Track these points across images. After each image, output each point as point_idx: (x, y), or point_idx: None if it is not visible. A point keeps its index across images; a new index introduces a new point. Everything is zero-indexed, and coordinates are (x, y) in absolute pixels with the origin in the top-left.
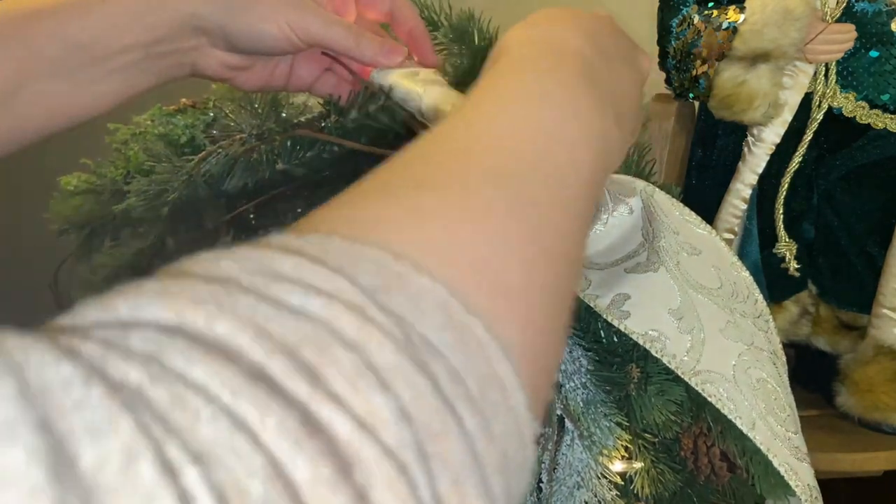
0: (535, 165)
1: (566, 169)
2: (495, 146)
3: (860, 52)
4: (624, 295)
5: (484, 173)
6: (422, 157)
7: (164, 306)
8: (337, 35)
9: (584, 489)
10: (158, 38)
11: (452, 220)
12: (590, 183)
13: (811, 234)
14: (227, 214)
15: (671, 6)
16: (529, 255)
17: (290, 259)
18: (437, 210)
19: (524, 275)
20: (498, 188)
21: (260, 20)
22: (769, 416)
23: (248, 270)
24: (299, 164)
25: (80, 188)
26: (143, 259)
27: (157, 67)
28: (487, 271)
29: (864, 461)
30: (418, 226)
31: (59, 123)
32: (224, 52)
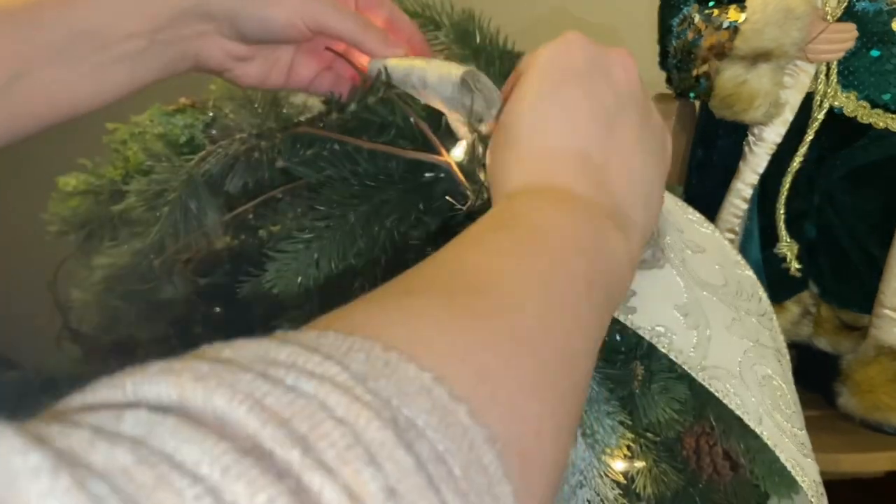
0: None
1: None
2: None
3: (861, 52)
4: (630, 291)
5: (469, 285)
6: (413, 272)
7: (166, 383)
8: (345, 23)
9: (587, 488)
10: (164, 24)
11: (438, 318)
12: (589, 284)
13: (812, 234)
14: (227, 214)
15: (672, 6)
16: (513, 351)
17: (286, 348)
18: (425, 309)
19: (508, 368)
20: (484, 298)
21: (268, 6)
22: (775, 413)
23: (247, 357)
24: (300, 162)
25: (78, 189)
26: (142, 259)
27: (161, 58)
28: (471, 361)
29: (866, 462)
30: (406, 322)
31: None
32: (229, 41)
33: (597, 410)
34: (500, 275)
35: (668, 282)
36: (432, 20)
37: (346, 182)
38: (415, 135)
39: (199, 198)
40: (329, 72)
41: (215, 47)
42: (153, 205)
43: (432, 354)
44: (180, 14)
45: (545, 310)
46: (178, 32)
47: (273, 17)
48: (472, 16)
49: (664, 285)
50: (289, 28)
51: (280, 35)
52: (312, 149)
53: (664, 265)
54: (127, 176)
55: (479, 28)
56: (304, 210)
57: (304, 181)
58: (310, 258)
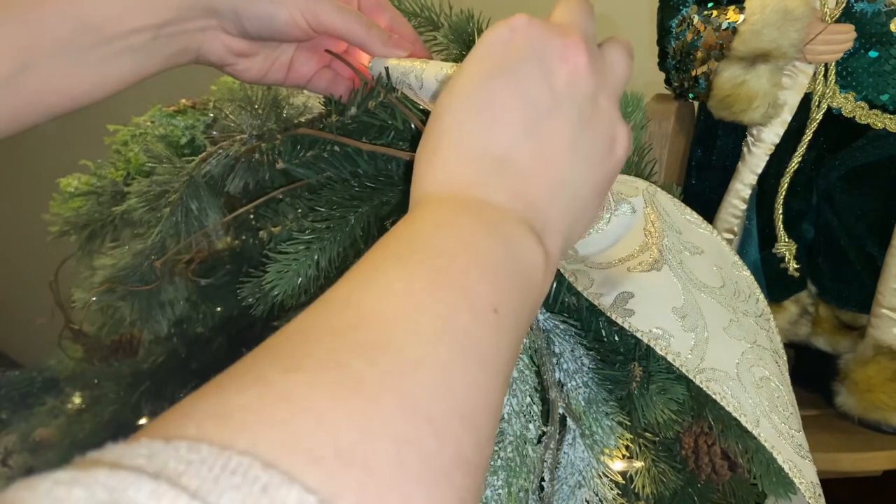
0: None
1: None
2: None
3: (859, 53)
4: (627, 293)
5: (361, 345)
6: (298, 333)
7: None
8: (348, 23)
9: (586, 488)
10: (168, 18)
11: (323, 409)
12: (498, 313)
13: (811, 234)
14: (228, 215)
15: (671, 6)
16: (408, 432)
17: (149, 485)
18: (309, 398)
19: (400, 458)
20: (376, 361)
21: (272, 3)
22: (773, 414)
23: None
24: (300, 163)
25: (80, 190)
26: (143, 260)
27: (165, 51)
28: (358, 461)
29: (864, 461)
30: (288, 419)
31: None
32: (231, 37)
33: (595, 411)
34: (397, 326)
35: (666, 284)
36: (430, 20)
37: (346, 183)
38: (414, 137)
39: (199, 199)
40: (327, 70)
41: (217, 42)
42: (154, 206)
43: (315, 464)
44: (185, 9)
45: (447, 362)
46: (183, 27)
47: (276, 14)
48: (471, 16)
49: (662, 288)
50: (291, 26)
51: (283, 33)
52: (313, 150)
53: (662, 267)
54: (128, 177)
55: (477, 28)
56: (304, 211)
57: (304, 182)
58: (310, 259)
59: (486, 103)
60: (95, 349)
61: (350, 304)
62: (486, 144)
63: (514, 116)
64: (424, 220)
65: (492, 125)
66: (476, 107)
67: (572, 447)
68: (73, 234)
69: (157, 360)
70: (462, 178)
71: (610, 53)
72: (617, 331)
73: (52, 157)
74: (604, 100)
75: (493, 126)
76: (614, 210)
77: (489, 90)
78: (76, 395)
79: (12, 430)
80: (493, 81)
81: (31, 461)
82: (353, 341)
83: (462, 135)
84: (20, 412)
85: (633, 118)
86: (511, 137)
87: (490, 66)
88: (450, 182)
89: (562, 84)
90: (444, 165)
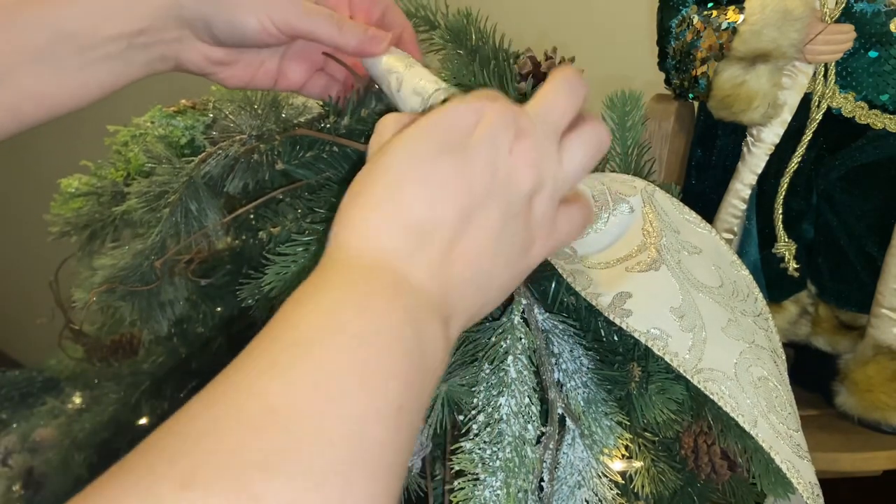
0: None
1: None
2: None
3: (859, 53)
4: (625, 293)
5: (261, 459)
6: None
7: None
8: (318, 24)
9: (585, 488)
10: (142, 28)
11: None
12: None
13: (810, 234)
14: (228, 216)
15: (671, 6)
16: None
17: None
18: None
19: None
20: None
21: (240, 12)
22: (771, 414)
23: None
24: (299, 164)
25: (80, 190)
26: (143, 260)
27: (141, 59)
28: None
29: (864, 461)
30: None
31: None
32: (207, 46)
33: (594, 411)
34: (305, 430)
35: (664, 284)
36: (427, 20)
37: (345, 184)
38: None
39: (199, 199)
40: (320, 75)
41: (194, 51)
42: (154, 206)
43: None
44: (158, 18)
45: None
46: (158, 36)
47: (245, 22)
48: (469, 15)
49: (660, 288)
50: (262, 33)
51: (255, 40)
52: (312, 151)
53: (660, 267)
54: (128, 177)
55: (475, 28)
56: (303, 212)
57: (303, 183)
58: (309, 260)
59: (432, 176)
60: (95, 349)
61: (255, 394)
62: (422, 217)
63: (454, 198)
64: (346, 298)
65: (432, 200)
66: (422, 177)
67: (571, 447)
68: (73, 235)
69: (157, 360)
70: (390, 245)
71: (571, 148)
72: (616, 331)
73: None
74: (539, 201)
75: (432, 201)
76: (612, 210)
77: (438, 164)
78: (76, 395)
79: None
80: (445, 157)
81: (31, 461)
82: (257, 447)
83: (403, 199)
84: (20, 412)
85: (633, 117)
86: (445, 217)
87: (447, 139)
88: (378, 247)
89: (503, 176)
90: (379, 226)
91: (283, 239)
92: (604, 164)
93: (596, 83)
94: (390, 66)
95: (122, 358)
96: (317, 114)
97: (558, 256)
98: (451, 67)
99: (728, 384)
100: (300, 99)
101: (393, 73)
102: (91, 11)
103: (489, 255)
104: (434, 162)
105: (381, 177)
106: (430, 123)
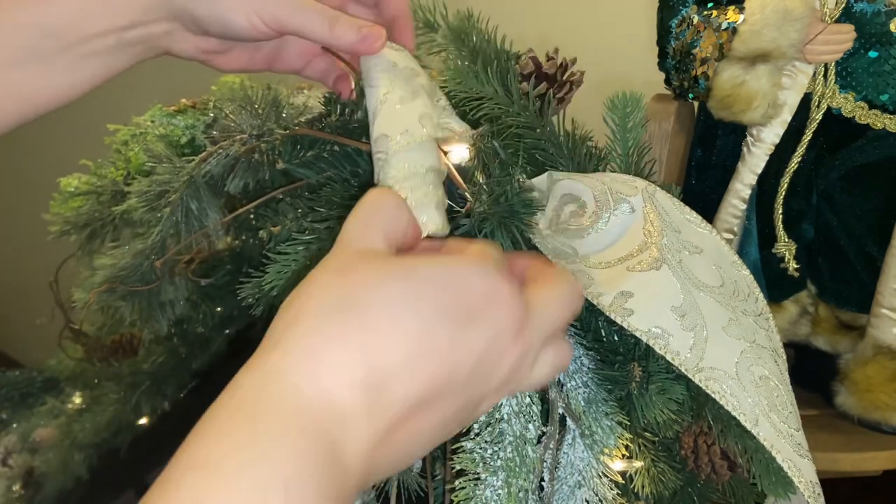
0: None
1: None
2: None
3: (859, 53)
4: (626, 293)
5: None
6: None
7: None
8: (308, 21)
9: (585, 488)
10: (131, 23)
11: None
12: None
13: (810, 234)
14: (228, 215)
15: (671, 6)
16: None
17: None
18: None
19: None
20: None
21: (227, 9)
22: (772, 413)
23: None
24: (300, 163)
25: (80, 189)
26: (143, 260)
27: (131, 51)
28: None
29: (864, 461)
30: None
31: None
32: (198, 37)
33: (595, 411)
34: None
35: (665, 283)
36: (427, 22)
37: (346, 183)
38: None
39: (199, 198)
40: (321, 58)
41: (185, 43)
42: (154, 205)
43: None
44: (147, 11)
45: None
46: (147, 30)
47: (233, 19)
48: (470, 16)
49: (661, 287)
50: (251, 30)
51: (244, 36)
52: (313, 150)
53: (661, 266)
54: (128, 177)
55: (476, 28)
56: (304, 211)
57: (304, 182)
58: (310, 259)
59: (422, 340)
60: (95, 349)
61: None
62: (388, 380)
63: (432, 374)
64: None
65: (408, 365)
66: (412, 337)
67: (572, 447)
68: (73, 234)
69: (157, 360)
70: (340, 401)
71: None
72: (616, 330)
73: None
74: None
75: (408, 366)
76: (613, 209)
77: (435, 330)
78: (76, 395)
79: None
80: (444, 326)
81: (31, 461)
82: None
83: (382, 349)
84: (20, 412)
85: (634, 119)
86: (409, 392)
87: (451, 306)
88: (324, 398)
89: (483, 372)
90: (337, 370)
91: (283, 238)
92: (605, 165)
93: (596, 83)
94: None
95: (122, 358)
96: (318, 113)
97: (559, 256)
98: (453, 69)
99: (729, 383)
100: (301, 98)
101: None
102: (78, 8)
103: (427, 438)
104: (431, 325)
105: (373, 310)
106: (440, 282)
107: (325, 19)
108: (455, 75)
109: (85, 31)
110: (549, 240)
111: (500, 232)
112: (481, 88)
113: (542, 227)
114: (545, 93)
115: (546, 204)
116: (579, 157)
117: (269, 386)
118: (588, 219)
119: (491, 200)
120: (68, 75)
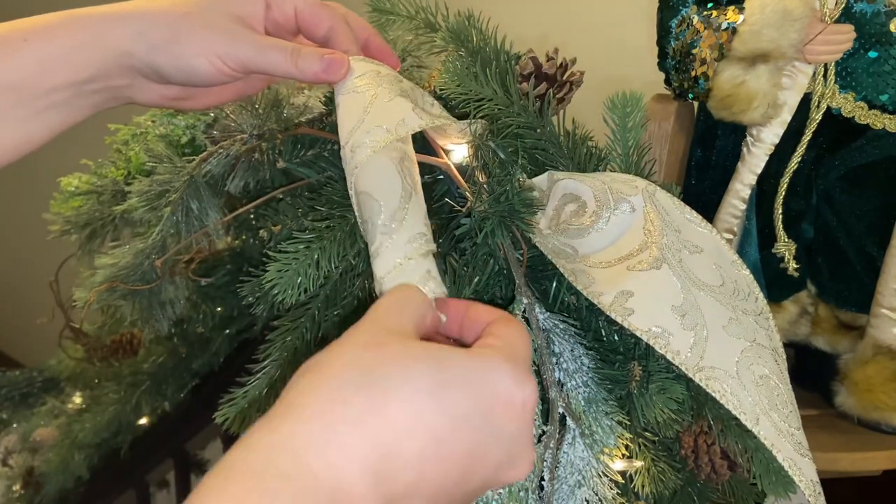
0: None
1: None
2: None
3: (859, 53)
4: (627, 292)
5: None
6: None
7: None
8: (272, 60)
9: (585, 487)
10: (90, 76)
11: None
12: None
13: (810, 234)
14: (229, 215)
15: (670, 7)
16: None
17: None
18: None
19: None
20: None
21: (189, 56)
22: (772, 412)
23: None
24: (300, 163)
25: (80, 189)
26: (144, 259)
27: (91, 102)
28: None
29: (864, 461)
30: None
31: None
32: (161, 85)
33: (595, 410)
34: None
35: (665, 283)
36: (428, 23)
37: (346, 183)
38: (413, 137)
39: (200, 198)
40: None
41: (149, 93)
42: (155, 205)
43: None
44: (106, 66)
45: None
46: (107, 83)
47: (196, 66)
48: (470, 16)
49: (661, 287)
50: (215, 74)
51: (209, 81)
52: (313, 149)
53: (661, 266)
54: (129, 176)
55: (476, 29)
56: (304, 210)
57: (304, 182)
58: (310, 258)
59: (437, 444)
60: (96, 349)
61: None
62: (399, 473)
63: (446, 478)
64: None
65: (423, 468)
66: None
67: (572, 447)
68: (73, 234)
69: (157, 360)
70: (349, 487)
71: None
72: (616, 330)
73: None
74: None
75: (423, 470)
76: (613, 209)
77: (453, 437)
78: (76, 395)
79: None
80: (468, 430)
81: (31, 461)
82: None
83: (399, 438)
84: (20, 412)
85: (633, 119)
86: (424, 492)
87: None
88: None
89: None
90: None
91: (284, 237)
92: (605, 165)
93: (596, 83)
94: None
95: (122, 358)
96: (318, 113)
97: (559, 256)
98: (453, 69)
99: (730, 382)
100: (301, 98)
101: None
102: (33, 63)
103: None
104: (456, 430)
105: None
106: (466, 380)
107: (287, 55)
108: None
109: (42, 85)
110: (549, 239)
111: (500, 231)
112: (480, 90)
113: (542, 227)
114: (545, 93)
115: (546, 203)
116: (579, 157)
117: (280, 457)
118: (588, 218)
119: (491, 199)
120: (23, 130)
